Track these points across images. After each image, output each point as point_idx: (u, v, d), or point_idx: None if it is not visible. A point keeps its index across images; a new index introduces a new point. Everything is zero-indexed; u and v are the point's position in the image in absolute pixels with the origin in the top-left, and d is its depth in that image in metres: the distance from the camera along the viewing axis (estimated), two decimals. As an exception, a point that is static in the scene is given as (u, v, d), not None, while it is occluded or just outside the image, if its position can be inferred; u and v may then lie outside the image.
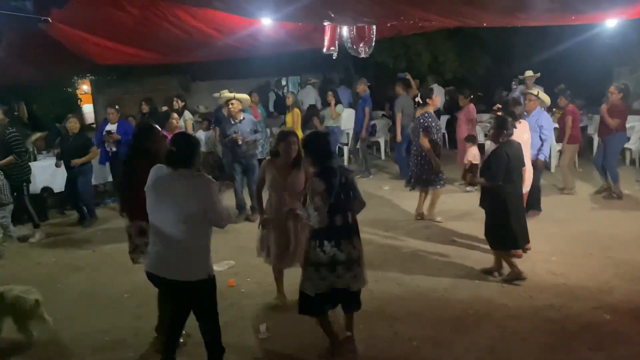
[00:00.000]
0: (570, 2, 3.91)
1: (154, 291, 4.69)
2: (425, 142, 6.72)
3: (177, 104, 9.57)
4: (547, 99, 6.92)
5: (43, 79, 10.50)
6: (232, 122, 7.28)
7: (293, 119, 9.10)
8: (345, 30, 6.38)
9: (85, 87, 14.60)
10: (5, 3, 5.52)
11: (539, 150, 6.45)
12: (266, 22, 6.19)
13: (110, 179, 8.96)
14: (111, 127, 8.44)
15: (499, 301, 4.69)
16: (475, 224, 6.77)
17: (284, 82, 16.03)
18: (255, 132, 7.39)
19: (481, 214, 5.27)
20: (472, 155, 7.43)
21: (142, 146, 4.17)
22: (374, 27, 6.34)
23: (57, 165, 7.78)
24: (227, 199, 6.35)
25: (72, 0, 4.54)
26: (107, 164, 8.66)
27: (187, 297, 3.45)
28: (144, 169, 3.69)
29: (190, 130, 8.88)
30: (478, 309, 4.56)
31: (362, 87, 9.74)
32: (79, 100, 13.50)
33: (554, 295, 4.75)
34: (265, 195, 4.68)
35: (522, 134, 5.50)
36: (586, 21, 5.36)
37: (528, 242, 5.43)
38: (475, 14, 4.67)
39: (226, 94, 7.53)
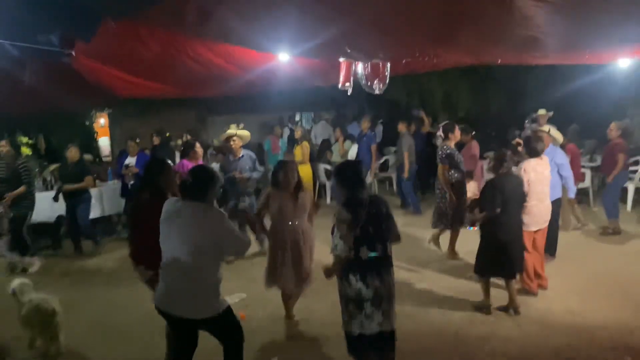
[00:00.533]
0: (583, 39, 3.97)
1: (164, 321, 4.72)
2: (441, 175, 6.68)
3: (155, 140, 9.64)
4: (559, 136, 6.92)
5: (62, 110, 10.76)
6: (231, 159, 7.35)
7: (302, 152, 9.21)
8: (360, 67, 6.51)
9: (102, 121, 14.89)
10: (31, 36, 5.71)
11: (566, 188, 6.38)
12: (284, 58, 6.34)
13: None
14: (130, 159, 8.49)
15: (515, 339, 4.60)
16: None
17: (297, 118, 16.25)
18: (254, 169, 7.39)
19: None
20: (471, 191, 7.38)
21: (151, 181, 4.07)
22: (389, 64, 6.46)
23: (54, 199, 7.74)
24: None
25: (98, 35, 4.67)
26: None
27: (194, 333, 3.41)
28: (150, 205, 3.72)
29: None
30: (493, 346, 4.47)
31: (366, 125, 9.84)
32: (95, 134, 13.76)
33: (571, 335, 4.64)
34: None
35: (543, 170, 5.49)
36: (599, 60, 5.43)
37: (512, 277, 5.21)
38: (490, 50, 4.75)
39: (230, 130, 7.61)
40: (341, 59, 6.26)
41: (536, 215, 5.43)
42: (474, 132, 7.57)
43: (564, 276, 5.95)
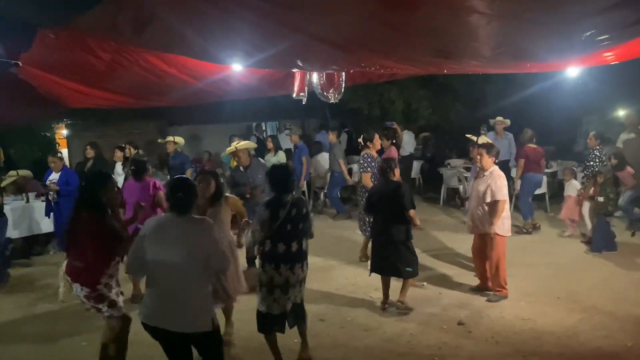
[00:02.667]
0: (523, 49, 4.05)
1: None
2: (367, 182, 6.85)
3: (129, 151, 8.99)
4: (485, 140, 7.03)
5: (19, 123, 10.48)
6: (242, 170, 7.10)
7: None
8: (315, 77, 6.52)
9: (64, 132, 14.58)
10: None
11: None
12: (237, 69, 6.31)
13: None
14: (54, 176, 7.75)
15: (466, 346, 4.63)
16: (446, 266, 6.81)
17: (264, 127, 16.21)
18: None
19: (451, 253, 5.28)
20: None
21: (91, 195, 3.89)
22: (343, 73, 6.49)
23: None
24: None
25: (35, 44, 4.56)
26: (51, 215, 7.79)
27: (188, 349, 3.31)
28: (89, 221, 3.69)
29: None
30: (445, 354, 4.49)
31: (295, 138, 10.27)
32: (57, 145, 13.44)
33: (520, 341, 4.71)
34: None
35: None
36: (543, 69, 5.55)
37: (387, 274, 5.49)
38: (433, 61, 4.82)
39: (230, 148, 7.39)
40: (294, 70, 6.27)
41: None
42: (394, 140, 7.90)
43: (515, 282, 6.02)
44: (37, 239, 8.26)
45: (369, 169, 6.88)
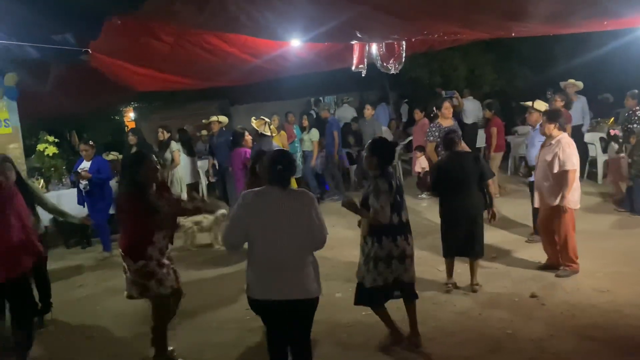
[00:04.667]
0: (599, 4, 3.77)
1: (185, 312, 4.81)
2: (430, 152, 6.96)
3: (163, 134, 8.90)
4: (543, 107, 6.58)
5: (90, 108, 11.01)
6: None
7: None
8: (374, 48, 6.41)
9: (132, 115, 15.19)
10: (48, 37, 5.84)
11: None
12: (295, 44, 6.30)
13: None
14: (85, 164, 7.49)
15: (540, 320, 4.50)
16: (515, 239, 6.60)
17: (323, 102, 16.17)
18: None
19: (517, 229, 5.11)
20: (419, 164, 8.71)
21: (130, 175, 4.05)
22: (404, 42, 6.33)
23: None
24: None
25: (105, 31, 4.73)
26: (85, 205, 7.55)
27: (299, 317, 3.37)
28: (130, 199, 3.89)
29: (177, 161, 8.64)
30: (517, 328, 4.38)
31: (325, 113, 10.21)
32: (125, 128, 14.04)
33: (599, 314, 4.51)
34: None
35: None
36: (621, 26, 5.16)
37: (461, 254, 5.22)
38: (502, 24, 4.59)
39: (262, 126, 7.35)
40: (353, 42, 6.18)
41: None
42: (425, 111, 7.73)
43: (592, 255, 5.75)
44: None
45: (431, 138, 6.75)
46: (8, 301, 4.31)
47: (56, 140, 8.42)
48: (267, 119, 7.46)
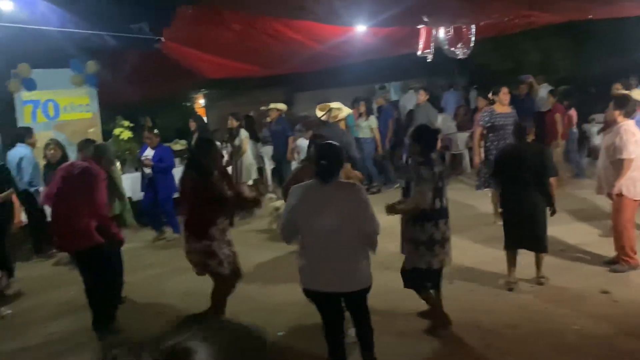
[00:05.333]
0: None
1: (250, 292, 4.97)
2: (475, 136, 6.85)
3: (232, 122, 8.81)
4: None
5: (163, 95, 11.51)
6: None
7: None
8: (441, 32, 6.27)
9: (202, 101, 15.71)
10: (125, 26, 6.15)
11: None
12: (360, 29, 6.28)
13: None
14: (149, 152, 7.55)
15: (611, 317, 4.27)
16: (584, 231, 6.31)
17: (388, 88, 15.95)
18: None
19: (591, 221, 4.87)
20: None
21: (198, 160, 4.27)
22: (473, 27, 6.15)
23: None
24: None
25: (177, 19, 4.93)
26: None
27: (350, 308, 3.49)
28: (198, 182, 4.07)
29: (245, 148, 8.67)
30: (585, 324, 4.20)
31: (380, 101, 10.22)
32: (195, 113, 14.54)
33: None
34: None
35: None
36: None
37: (524, 247, 4.96)
38: (581, 6, 4.35)
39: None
40: (419, 26, 6.07)
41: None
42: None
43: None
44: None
45: (481, 123, 6.57)
46: (80, 272, 4.64)
47: (131, 124, 8.84)
48: (333, 105, 7.47)
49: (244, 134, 8.87)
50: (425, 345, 4.10)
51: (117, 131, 8.71)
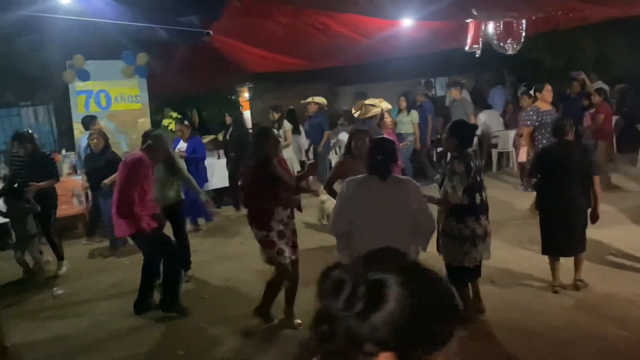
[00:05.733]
0: None
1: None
2: (525, 137, 6.66)
3: (273, 115, 8.88)
4: None
5: (209, 87, 11.72)
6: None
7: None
8: (490, 27, 6.13)
9: (246, 95, 15.88)
10: (175, 19, 6.30)
11: None
12: (407, 23, 6.21)
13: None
14: (182, 145, 7.52)
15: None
16: (637, 233, 6.05)
17: (433, 83, 15.68)
18: None
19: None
20: (522, 155, 8.03)
21: (259, 149, 4.35)
22: (524, 21, 5.98)
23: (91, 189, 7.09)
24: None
25: (226, 13, 5.01)
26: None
27: None
28: (258, 169, 4.16)
29: (289, 140, 8.76)
30: (633, 331, 4.04)
31: (420, 97, 9.99)
32: (240, 107, 14.73)
33: None
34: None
35: None
36: None
37: (562, 255, 4.77)
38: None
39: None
40: (468, 20, 5.95)
41: None
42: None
43: None
44: (226, 191, 9.29)
45: (528, 122, 6.40)
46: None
47: (179, 116, 9.06)
48: (367, 102, 7.40)
49: (287, 125, 8.96)
50: (466, 344, 4.04)
51: (165, 122, 8.94)
